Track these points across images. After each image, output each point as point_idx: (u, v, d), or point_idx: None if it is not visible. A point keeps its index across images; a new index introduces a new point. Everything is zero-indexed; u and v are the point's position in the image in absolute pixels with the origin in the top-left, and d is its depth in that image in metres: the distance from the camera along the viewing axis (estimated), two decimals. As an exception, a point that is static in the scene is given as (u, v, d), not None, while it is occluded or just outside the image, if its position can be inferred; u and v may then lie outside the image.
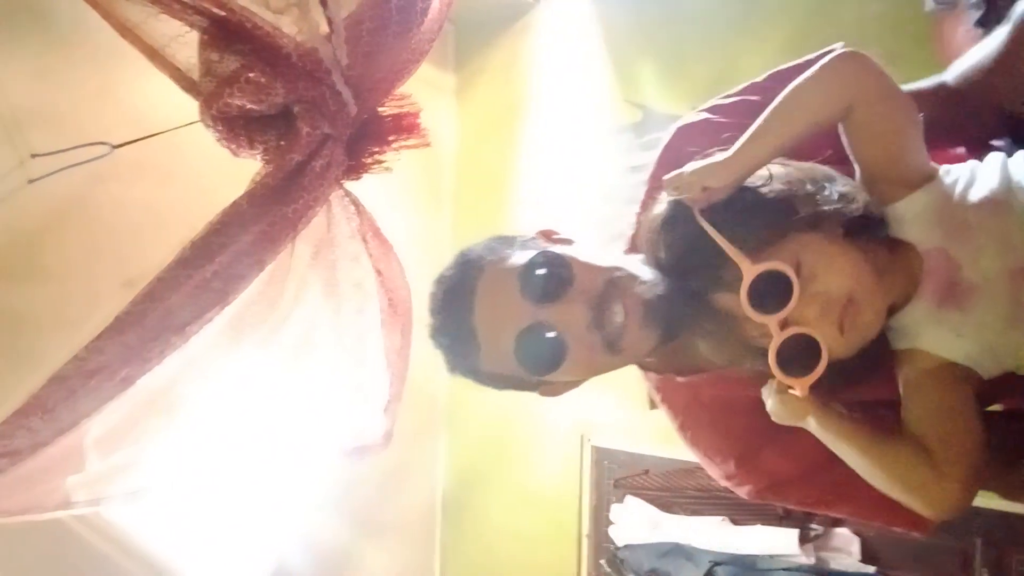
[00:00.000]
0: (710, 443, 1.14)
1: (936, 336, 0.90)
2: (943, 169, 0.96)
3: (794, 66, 1.13)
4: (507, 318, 0.98)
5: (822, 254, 0.88)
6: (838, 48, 0.96)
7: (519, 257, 1.01)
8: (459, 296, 1.01)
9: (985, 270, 0.88)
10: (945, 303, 0.90)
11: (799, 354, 0.88)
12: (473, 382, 1.09)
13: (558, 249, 1.03)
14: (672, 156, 1.16)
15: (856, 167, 0.98)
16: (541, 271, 0.98)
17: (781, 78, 1.11)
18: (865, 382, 0.95)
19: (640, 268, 1.04)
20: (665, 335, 1.01)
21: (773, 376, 0.91)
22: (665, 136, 1.19)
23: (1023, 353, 0.89)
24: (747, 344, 0.95)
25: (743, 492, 1.14)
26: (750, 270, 0.87)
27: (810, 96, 0.94)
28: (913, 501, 0.89)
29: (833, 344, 0.88)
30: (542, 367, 1.00)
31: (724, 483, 1.15)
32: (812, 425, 0.92)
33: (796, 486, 1.10)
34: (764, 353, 0.90)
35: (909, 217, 0.93)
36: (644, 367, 1.18)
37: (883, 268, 0.91)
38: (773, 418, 0.95)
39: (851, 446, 0.91)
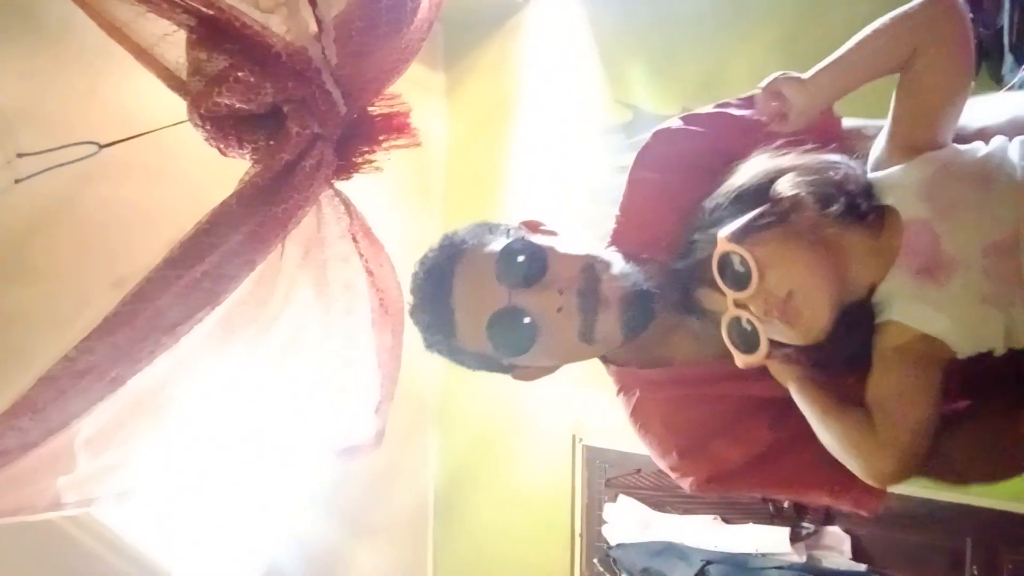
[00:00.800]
0: (658, 434, 1.17)
1: (912, 308, 0.91)
2: (959, 147, 0.96)
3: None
4: (482, 300, 1.03)
5: (775, 251, 0.91)
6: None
7: (498, 243, 1.06)
8: (439, 276, 1.07)
9: (963, 244, 0.89)
10: (923, 275, 0.90)
11: (752, 336, 0.94)
12: (449, 360, 1.14)
13: (537, 239, 1.07)
14: (648, 159, 1.20)
15: (889, 119, 0.98)
16: (518, 257, 1.03)
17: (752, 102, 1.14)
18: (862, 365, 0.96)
19: (616, 259, 1.09)
20: (635, 328, 1.05)
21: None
22: (645, 138, 1.22)
23: (996, 330, 0.89)
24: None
25: (685, 484, 1.17)
26: (721, 244, 0.93)
27: (886, 34, 0.96)
28: (854, 466, 0.93)
29: (782, 334, 0.93)
30: (513, 349, 1.05)
31: (669, 473, 1.19)
32: (793, 388, 0.97)
33: (740, 474, 1.12)
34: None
35: (902, 185, 0.94)
36: (605, 359, 1.21)
37: (855, 255, 0.93)
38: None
39: (814, 409, 0.96)
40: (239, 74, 1.51)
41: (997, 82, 1.81)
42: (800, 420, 1.04)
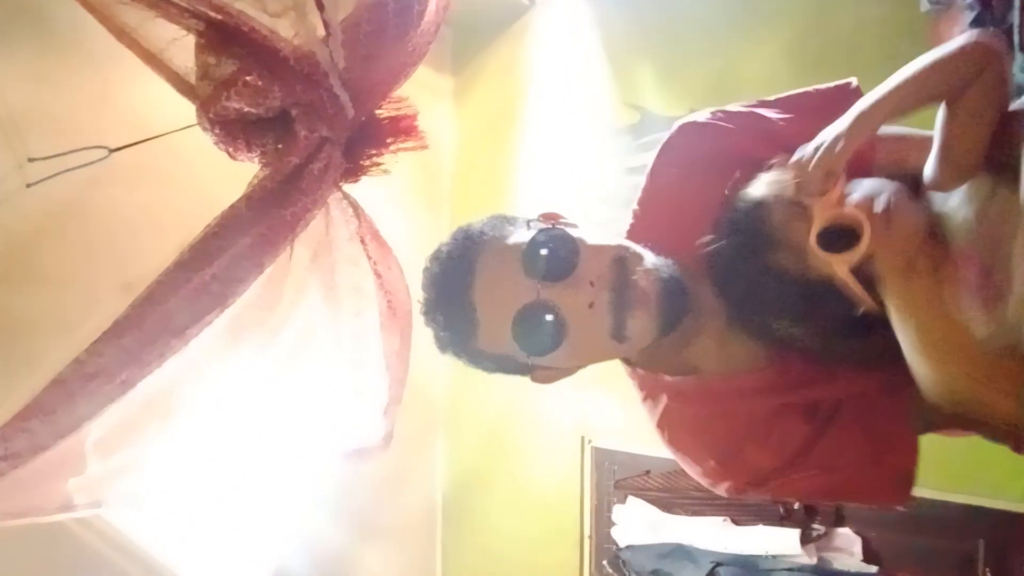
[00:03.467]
0: (689, 443, 1.12)
1: None
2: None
3: (804, 93, 1.14)
4: (508, 295, 0.96)
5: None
6: (968, 36, 0.95)
7: (523, 235, 1.00)
8: (458, 270, 0.99)
9: (1014, 273, 0.89)
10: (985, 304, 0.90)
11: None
12: (464, 362, 1.06)
13: (565, 229, 1.01)
14: (673, 151, 1.16)
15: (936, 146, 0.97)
16: (546, 249, 0.97)
17: (791, 103, 1.13)
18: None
19: (645, 251, 1.03)
20: (670, 322, 0.99)
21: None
22: (667, 133, 1.18)
23: None
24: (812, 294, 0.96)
25: (721, 489, 1.12)
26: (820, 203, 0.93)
27: (940, 73, 0.93)
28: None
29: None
30: (540, 347, 0.98)
31: (701, 480, 1.13)
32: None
33: (778, 475, 1.08)
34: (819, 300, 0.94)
35: (957, 211, 0.94)
36: (633, 363, 1.17)
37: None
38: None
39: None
40: (248, 78, 1.52)
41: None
42: (832, 407, 1.04)
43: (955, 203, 0.95)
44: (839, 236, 0.90)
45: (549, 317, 0.95)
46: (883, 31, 2.40)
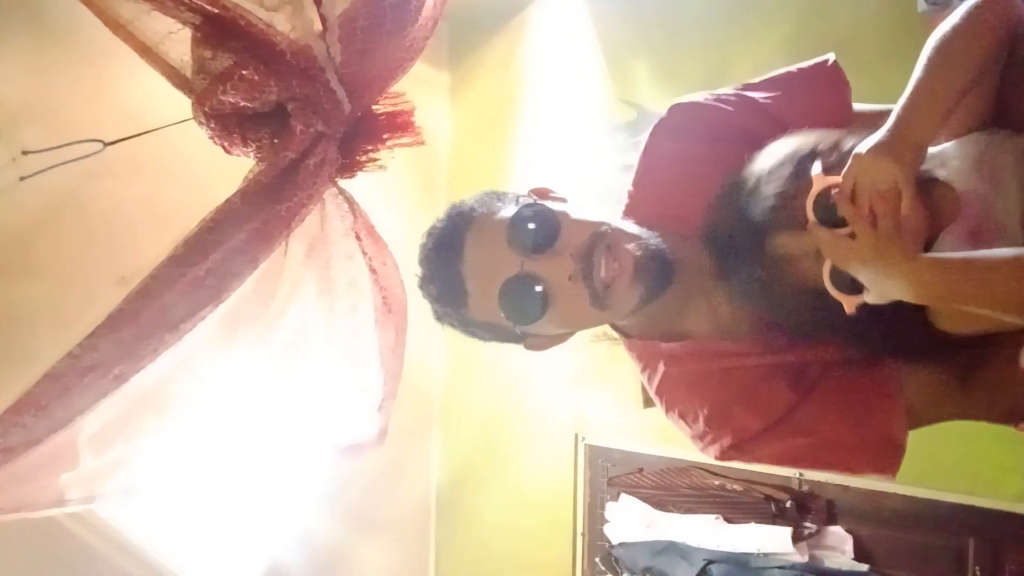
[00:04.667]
0: (684, 403, 1.15)
1: None
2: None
3: (785, 72, 1.18)
4: (494, 267, 1.02)
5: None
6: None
7: (509, 210, 1.05)
8: (449, 245, 1.05)
9: (1010, 213, 0.90)
10: (974, 238, 0.92)
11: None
12: (460, 332, 1.12)
13: (549, 204, 1.06)
14: (667, 129, 1.20)
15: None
16: (529, 223, 1.02)
17: (775, 83, 1.17)
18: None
19: (629, 225, 1.07)
20: (652, 291, 1.03)
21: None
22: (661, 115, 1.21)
23: None
24: (796, 286, 0.97)
25: (711, 452, 1.14)
26: (817, 181, 0.91)
27: (968, 47, 0.92)
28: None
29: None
30: (526, 316, 1.03)
31: (695, 444, 1.16)
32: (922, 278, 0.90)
33: (762, 440, 1.10)
34: (811, 291, 0.94)
35: (956, 159, 0.96)
36: (627, 333, 1.20)
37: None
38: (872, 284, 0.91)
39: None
40: (243, 72, 1.52)
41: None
42: (818, 373, 1.07)
43: (954, 150, 0.97)
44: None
45: (534, 288, 1.01)
46: (880, 29, 2.40)
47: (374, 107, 1.80)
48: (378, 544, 3.31)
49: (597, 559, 3.07)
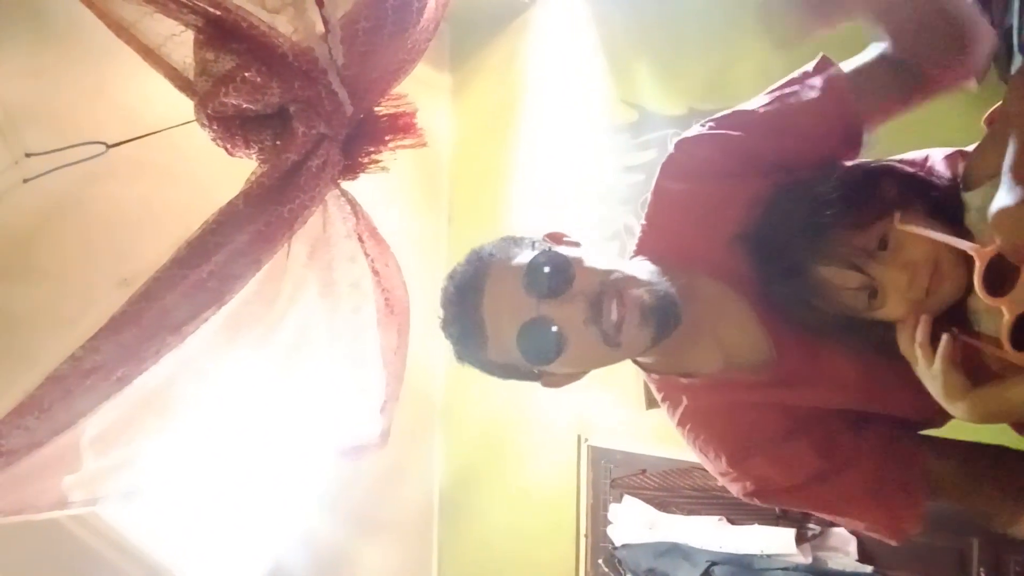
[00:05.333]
0: (707, 439, 1.20)
1: (990, 320, 0.94)
2: None
3: (788, 80, 1.18)
4: (512, 311, 1.06)
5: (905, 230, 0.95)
6: None
7: (525, 256, 1.08)
8: (469, 290, 1.09)
9: None
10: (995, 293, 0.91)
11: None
12: (479, 371, 1.17)
13: (563, 250, 1.09)
14: (672, 170, 1.21)
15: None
16: (544, 269, 1.06)
17: (777, 97, 1.17)
18: None
19: (640, 271, 1.12)
20: (660, 332, 1.07)
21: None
22: (669, 150, 1.22)
23: None
24: (842, 312, 1.02)
25: (735, 489, 1.20)
26: (981, 253, 0.91)
27: None
28: None
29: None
30: (542, 358, 1.07)
31: (719, 479, 1.22)
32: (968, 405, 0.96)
33: (786, 495, 1.17)
34: (856, 322, 1.00)
35: (979, 205, 0.96)
36: (647, 368, 1.24)
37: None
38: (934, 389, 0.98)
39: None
40: (246, 74, 1.52)
41: (1005, 83, 1.79)
42: (847, 446, 1.12)
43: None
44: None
45: (549, 331, 1.05)
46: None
47: (376, 109, 1.80)
48: (381, 545, 3.31)
49: (600, 561, 3.07)
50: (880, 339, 1.02)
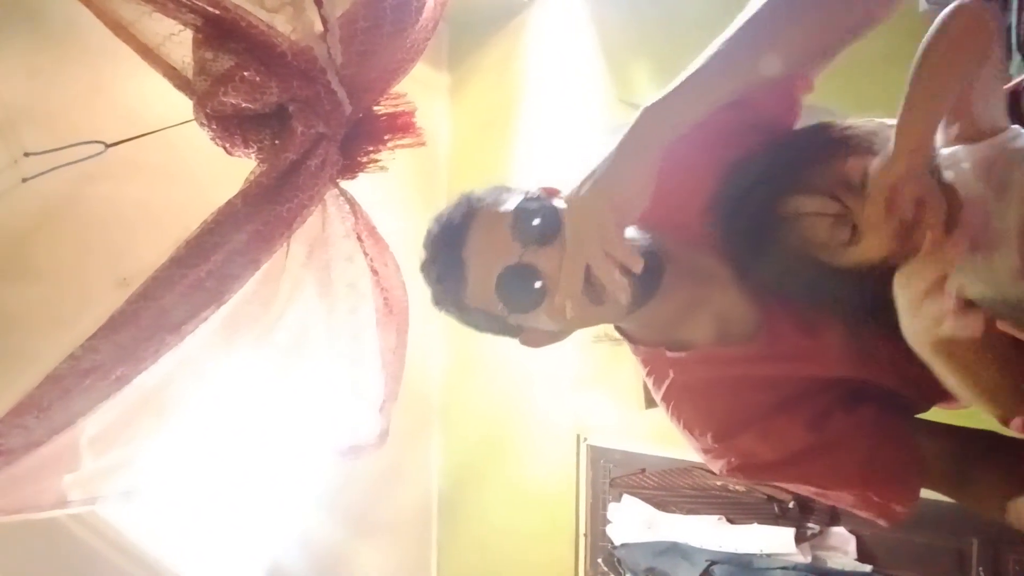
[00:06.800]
0: (690, 416, 1.17)
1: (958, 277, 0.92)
2: (1015, 130, 0.98)
3: None
4: (494, 254, 1.04)
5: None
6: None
7: (514, 201, 1.07)
8: (453, 230, 1.07)
9: (1010, 223, 0.90)
10: (972, 248, 0.91)
11: None
12: (456, 318, 1.13)
13: (555, 203, 1.07)
14: None
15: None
16: (532, 216, 1.04)
17: None
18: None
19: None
20: (644, 289, 1.03)
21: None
22: None
23: None
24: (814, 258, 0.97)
25: (718, 466, 1.17)
26: None
27: (956, 60, 0.93)
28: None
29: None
30: (521, 305, 1.05)
31: (701, 456, 1.18)
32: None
33: (770, 469, 1.14)
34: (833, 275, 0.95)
35: (965, 163, 0.95)
36: (632, 338, 1.21)
37: None
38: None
39: None
40: (245, 73, 1.52)
41: (1003, 83, 1.80)
42: (840, 423, 1.09)
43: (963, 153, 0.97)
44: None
45: (531, 278, 1.02)
46: (881, 29, 2.39)
47: (375, 108, 1.79)
48: (379, 545, 3.31)
49: (599, 560, 3.07)
50: (861, 299, 0.97)
